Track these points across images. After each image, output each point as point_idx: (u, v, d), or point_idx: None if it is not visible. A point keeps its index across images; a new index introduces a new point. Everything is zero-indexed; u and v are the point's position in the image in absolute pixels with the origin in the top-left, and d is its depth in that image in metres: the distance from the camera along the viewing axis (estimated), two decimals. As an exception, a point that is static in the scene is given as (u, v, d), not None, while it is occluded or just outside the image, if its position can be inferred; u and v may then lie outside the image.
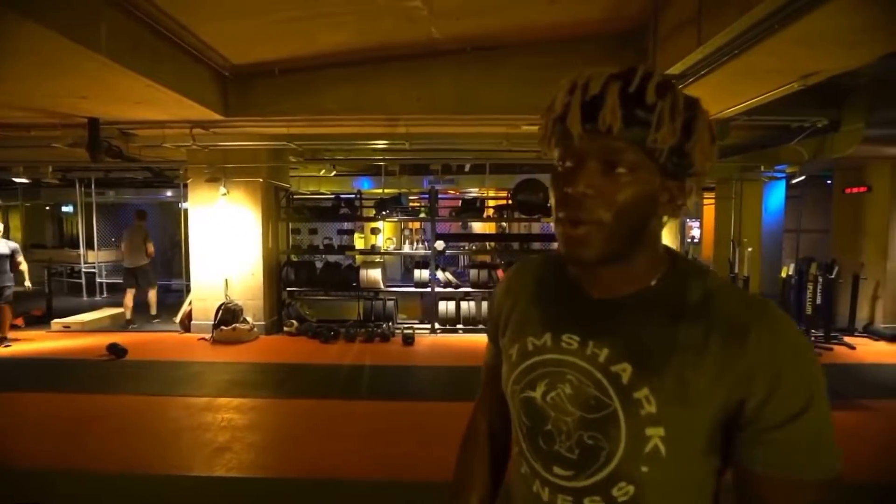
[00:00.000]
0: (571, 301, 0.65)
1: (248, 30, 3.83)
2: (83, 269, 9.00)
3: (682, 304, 0.58)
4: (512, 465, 0.72)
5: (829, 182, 7.13)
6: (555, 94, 0.58)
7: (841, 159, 5.31)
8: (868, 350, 5.38)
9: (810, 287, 5.53)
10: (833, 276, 5.70)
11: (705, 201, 9.82)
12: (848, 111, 4.95)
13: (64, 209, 11.73)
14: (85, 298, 8.80)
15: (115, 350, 5.08)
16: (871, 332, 5.89)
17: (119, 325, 6.64)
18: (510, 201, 6.44)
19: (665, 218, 0.61)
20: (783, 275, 5.73)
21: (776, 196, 7.57)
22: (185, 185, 6.37)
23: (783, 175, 6.82)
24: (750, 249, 6.44)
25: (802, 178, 6.41)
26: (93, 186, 8.52)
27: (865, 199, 6.00)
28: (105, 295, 9.01)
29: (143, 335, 6.14)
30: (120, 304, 6.89)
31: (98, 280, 8.98)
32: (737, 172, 7.17)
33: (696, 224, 10.50)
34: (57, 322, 6.36)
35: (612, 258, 0.58)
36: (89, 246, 9.05)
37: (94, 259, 9.06)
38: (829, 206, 6.75)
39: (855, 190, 6.03)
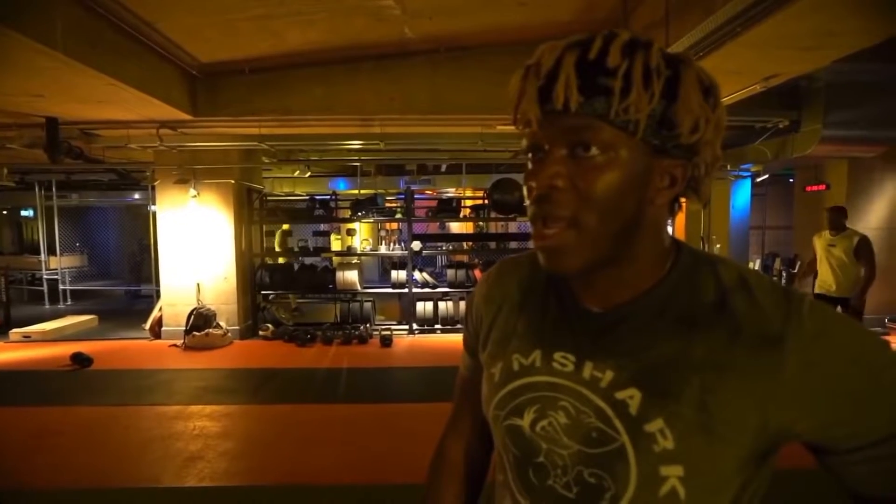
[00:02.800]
0: (563, 312, 0.55)
1: (215, 27, 3.73)
2: (45, 276, 8.61)
3: (695, 307, 0.49)
4: (495, 495, 0.61)
5: (791, 180, 7.43)
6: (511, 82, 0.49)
7: (801, 158, 5.55)
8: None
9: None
10: (795, 271, 5.95)
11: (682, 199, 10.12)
12: (807, 113, 5.17)
13: (23, 213, 11.21)
14: (47, 306, 8.41)
15: (80, 359, 4.87)
16: (831, 324, 6.16)
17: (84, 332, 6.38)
18: (486, 200, 6.48)
19: (680, 203, 0.51)
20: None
21: (742, 194, 7.85)
22: (153, 188, 6.16)
23: (748, 174, 7.08)
24: (718, 246, 6.67)
25: (766, 176, 6.68)
26: (54, 189, 8.18)
27: (825, 197, 6.26)
28: (69, 302, 8.64)
29: (111, 343, 5.91)
30: (85, 311, 6.62)
31: (61, 287, 8.61)
32: (716, 169, 7.40)
33: (669, 222, 10.81)
34: (16, 332, 6.06)
35: (602, 264, 0.49)
36: (51, 252, 8.66)
37: (56, 265, 8.68)
38: (792, 204, 7.04)
39: (815, 188, 6.31)
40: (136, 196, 9.43)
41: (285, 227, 7.16)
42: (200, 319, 5.65)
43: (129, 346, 5.75)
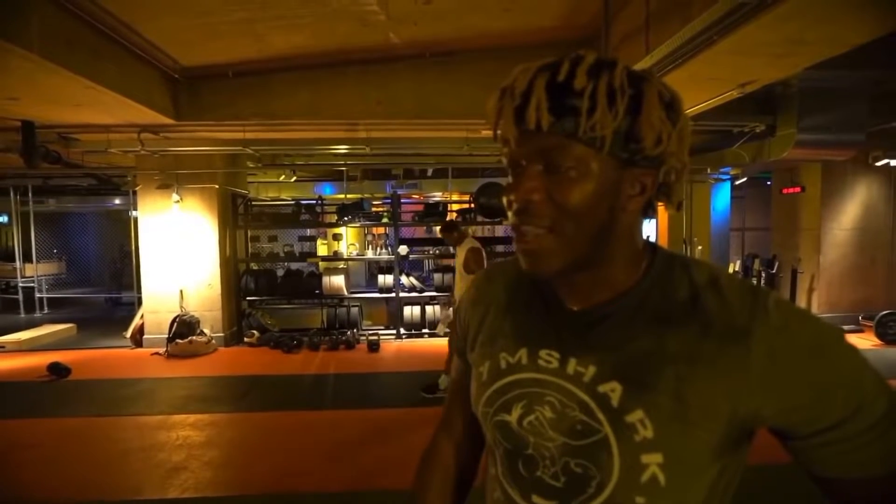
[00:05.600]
0: (548, 312, 0.58)
1: (196, 30, 3.69)
2: (20, 284, 8.36)
3: (670, 305, 0.52)
4: (486, 489, 0.64)
5: (768, 183, 7.64)
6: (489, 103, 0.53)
7: (778, 162, 5.71)
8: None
9: (754, 282, 5.89)
10: (774, 271, 6.11)
11: (659, 203, 10.30)
12: (782, 118, 5.34)
13: (-3, 219, 10.88)
14: (22, 315, 8.17)
15: (57, 370, 4.73)
16: (809, 323, 6.33)
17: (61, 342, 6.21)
18: (473, 205, 6.51)
19: (655, 208, 0.55)
20: (730, 271, 6.07)
21: (722, 197, 8.03)
22: (135, 193, 6.05)
23: (728, 177, 7.25)
24: (700, 248, 6.81)
25: (745, 179, 6.85)
26: (30, 194, 7.95)
27: (800, 199, 6.46)
28: (46, 311, 8.41)
29: (90, 352, 5.76)
30: (63, 320, 6.44)
31: (38, 295, 8.37)
32: (686, 175, 7.55)
33: (652, 225, 10.97)
34: (-11, 342, 5.88)
35: (579, 266, 0.52)
36: (27, 259, 8.42)
37: (32, 273, 8.44)
38: (770, 206, 7.23)
39: (791, 190, 6.49)
40: (117, 201, 9.22)
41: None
42: (184, 326, 5.55)
43: (109, 355, 5.61)
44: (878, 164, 5.94)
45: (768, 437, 0.52)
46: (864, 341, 5.60)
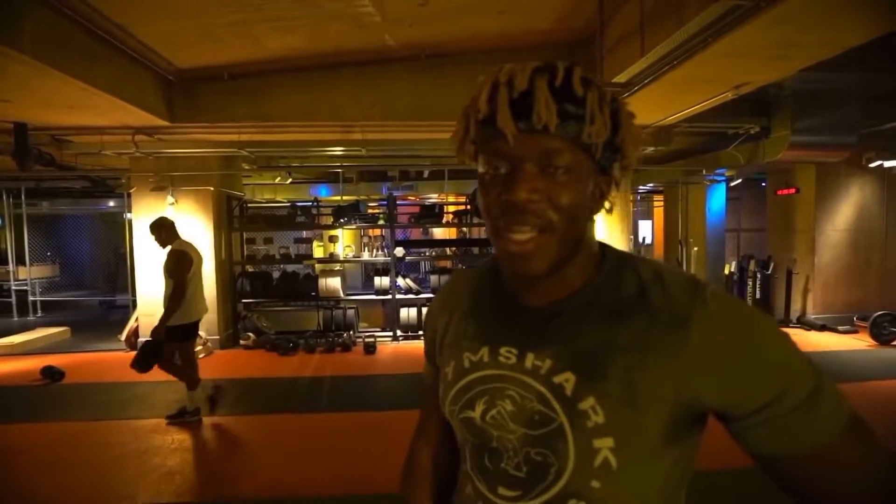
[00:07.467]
0: (508, 312, 0.61)
1: (191, 32, 3.68)
2: (13, 287, 8.30)
3: (619, 300, 0.55)
4: (458, 485, 0.66)
5: (763, 184, 7.68)
6: (475, 94, 0.53)
7: (772, 163, 5.74)
8: (801, 340, 5.79)
9: (750, 282, 5.92)
10: (769, 272, 6.14)
11: (655, 204, 10.34)
12: (776, 119, 5.37)
13: (-10, 222, 10.79)
14: (16, 318, 8.10)
15: (51, 373, 4.69)
16: (803, 323, 6.36)
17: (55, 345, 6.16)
18: (469, 206, 6.51)
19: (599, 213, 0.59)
20: (726, 272, 6.11)
21: (718, 198, 8.07)
22: (129, 195, 6.01)
23: (723, 178, 7.28)
24: (696, 249, 6.83)
25: (740, 180, 6.88)
26: (23, 197, 7.89)
27: (795, 200, 6.49)
28: (39, 314, 8.35)
29: (84, 355, 5.72)
30: (56, 323, 6.39)
31: (31, 298, 8.31)
32: (682, 176, 7.59)
33: (649, 226, 11.02)
34: (-18, 345, 5.82)
35: (561, 265, 0.55)
36: (20, 262, 8.36)
37: (25, 276, 8.38)
38: (765, 207, 7.27)
39: (785, 191, 6.52)
40: (111, 203, 9.18)
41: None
42: (178, 329, 5.51)
43: (103, 359, 5.57)
44: (872, 165, 5.99)
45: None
46: (858, 342, 5.63)
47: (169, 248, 3.53)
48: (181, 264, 3.44)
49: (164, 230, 3.56)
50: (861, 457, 0.49)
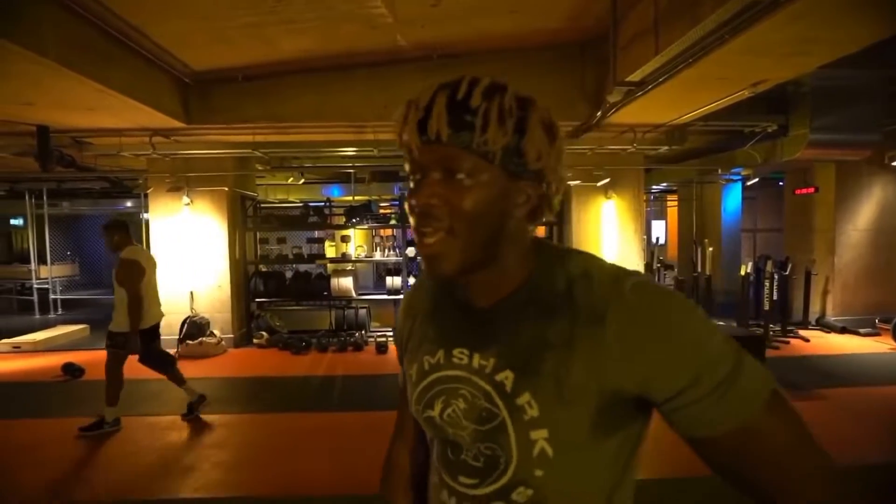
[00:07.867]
0: (462, 314, 0.64)
1: (205, 34, 3.74)
2: (35, 286, 8.51)
3: (551, 297, 0.58)
4: (430, 475, 0.71)
5: (780, 184, 7.52)
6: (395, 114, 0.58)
7: (790, 162, 5.62)
8: (821, 342, 5.67)
9: (767, 284, 5.80)
10: (787, 273, 6.01)
11: (669, 204, 10.19)
12: (794, 117, 5.26)
13: (13, 222, 11.10)
14: (37, 316, 8.32)
15: (71, 370, 4.81)
16: (823, 325, 6.22)
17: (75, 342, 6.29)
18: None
19: (542, 215, 0.59)
20: (742, 273, 5.99)
21: (733, 197, 7.93)
22: (146, 196, 6.13)
23: (739, 177, 7.15)
24: (711, 249, 6.71)
25: (756, 180, 6.75)
26: (45, 198, 8.09)
27: (814, 199, 6.35)
28: (60, 312, 8.55)
29: (103, 353, 5.78)
30: (76, 321, 6.54)
31: (52, 297, 8.52)
32: (696, 175, 7.48)
33: (662, 226, 10.86)
34: (5, 342, 5.98)
35: (475, 267, 0.58)
36: (42, 261, 8.57)
37: (46, 274, 8.59)
38: (782, 207, 7.12)
39: (804, 191, 6.39)
40: (129, 204, 9.36)
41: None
42: (194, 328, 5.61)
43: (121, 356, 5.68)
44: (895, 163, 5.83)
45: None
46: (880, 345, 5.48)
47: (120, 255, 3.37)
48: (132, 274, 3.32)
49: (116, 234, 3.38)
50: (786, 439, 0.50)
